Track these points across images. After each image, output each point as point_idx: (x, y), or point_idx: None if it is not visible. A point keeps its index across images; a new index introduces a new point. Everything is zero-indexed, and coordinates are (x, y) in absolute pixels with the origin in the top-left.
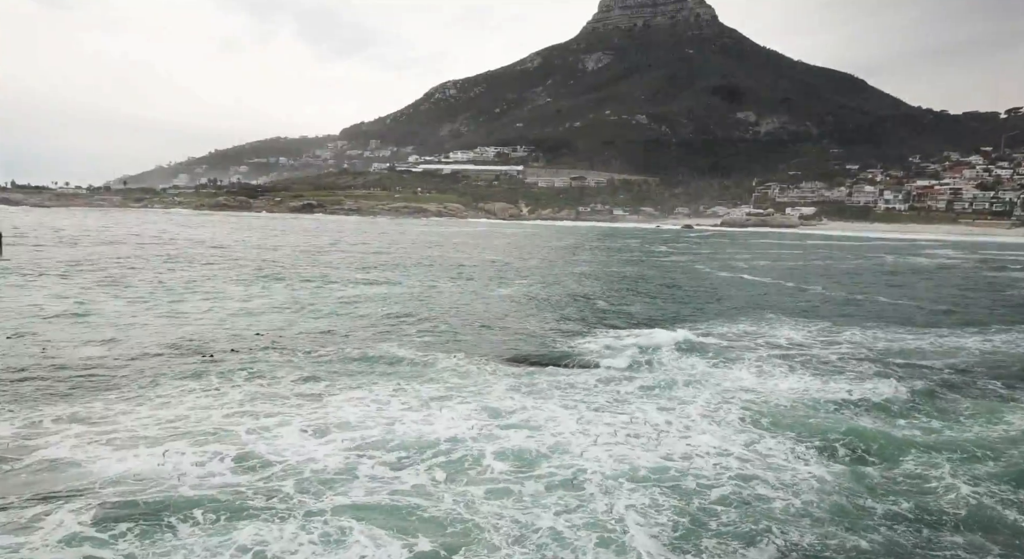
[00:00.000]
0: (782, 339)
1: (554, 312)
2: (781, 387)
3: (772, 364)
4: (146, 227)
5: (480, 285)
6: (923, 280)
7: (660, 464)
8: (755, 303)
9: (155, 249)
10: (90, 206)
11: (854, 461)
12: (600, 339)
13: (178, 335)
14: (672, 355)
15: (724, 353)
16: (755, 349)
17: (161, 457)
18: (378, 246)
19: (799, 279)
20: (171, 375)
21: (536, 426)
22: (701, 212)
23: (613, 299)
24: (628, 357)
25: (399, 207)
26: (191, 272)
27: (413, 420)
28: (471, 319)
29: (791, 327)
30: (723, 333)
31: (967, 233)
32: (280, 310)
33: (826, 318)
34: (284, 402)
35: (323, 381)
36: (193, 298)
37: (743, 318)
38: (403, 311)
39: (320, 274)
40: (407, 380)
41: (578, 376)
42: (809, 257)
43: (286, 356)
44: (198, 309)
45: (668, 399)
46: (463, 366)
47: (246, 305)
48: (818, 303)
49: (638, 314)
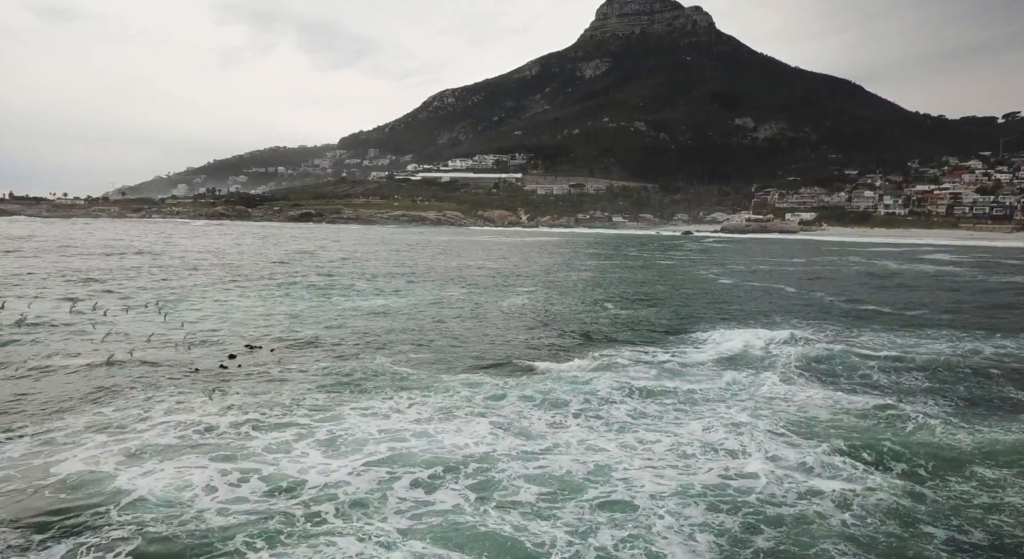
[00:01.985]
0: (805, 346)
1: (566, 322)
2: (815, 398)
3: (799, 372)
4: (139, 236)
5: (488, 294)
6: (938, 286)
7: (706, 481)
8: (768, 309)
9: (148, 259)
10: (88, 216)
11: (908, 478)
12: (618, 350)
13: (180, 345)
14: (697, 365)
15: (750, 363)
16: (779, 357)
17: (179, 477)
18: (379, 255)
19: (806, 285)
20: (176, 386)
21: (566, 443)
22: (700, 218)
23: (625, 307)
24: (651, 369)
25: (398, 215)
26: (186, 281)
27: (433, 436)
28: (482, 329)
29: (811, 333)
30: (745, 342)
31: (969, 238)
32: (282, 320)
33: (843, 323)
34: (297, 416)
35: (334, 393)
36: (190, 308)
37: (762, 325)
38: (411, 322)
39: (322, 284)
40: (420, 392)
41: (600, 387)
42: (812, 262)
43: (294, 367)
44: (196, 319)
45: (701, 411)
46: (478, 378)
47: (246, 315)
48: (831, 308)
49: (653, 323)
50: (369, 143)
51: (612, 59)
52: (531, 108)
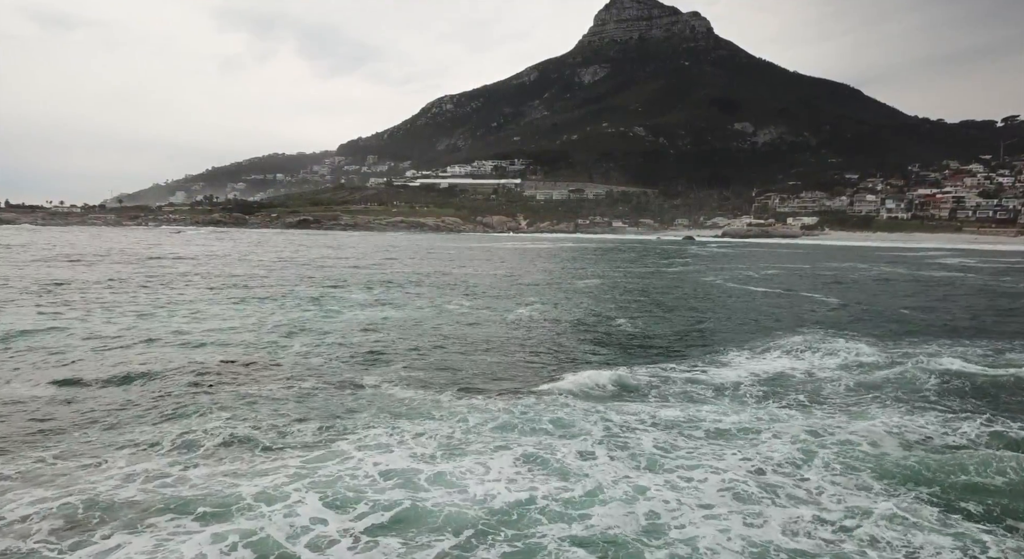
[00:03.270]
0: (849, 360)
1: (575, 337)
2: (878, 427)
3: (850, 394)
4: (132, 244)
5: (490, 305)
6: (967, 292)
7: (786, 545)
8: (794, 320)
9: (136, 268)
10: (84, 224)
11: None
12: (633, 369)
13: (153, 365)
14: (728, 387)
15: (791, 384)
16: (823, 376)
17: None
18: (377, 262)
19: (825, 291)
20: (141, 420)
21: (604, 484)
22: (701, 223)
23: (636, 320)
24: (673, 391)
25: (396, 222)
26: (169, 292)
27: (450, 479)
28: (485, 345)
29: (852, 345)
30: (780, 359)
31: (973, 241)
32: (270, 334)
33: (883, 333)
34: (285, 454)
35: (326, 423)
36: (170, 321)
37: (794, 339)
38: (409, 335)
39: (315, 294)
40: (423, 419)
41: (620, 413)
42: (823, 267)
43: (280, 390)
44: (176, 334)
45: (741, 443)
46: (485, 402)
47: (231, 328)
48: (864, 317)
49: (670, 338)
50: (368, 149)
51: (610, 65)
52: (530, 114)
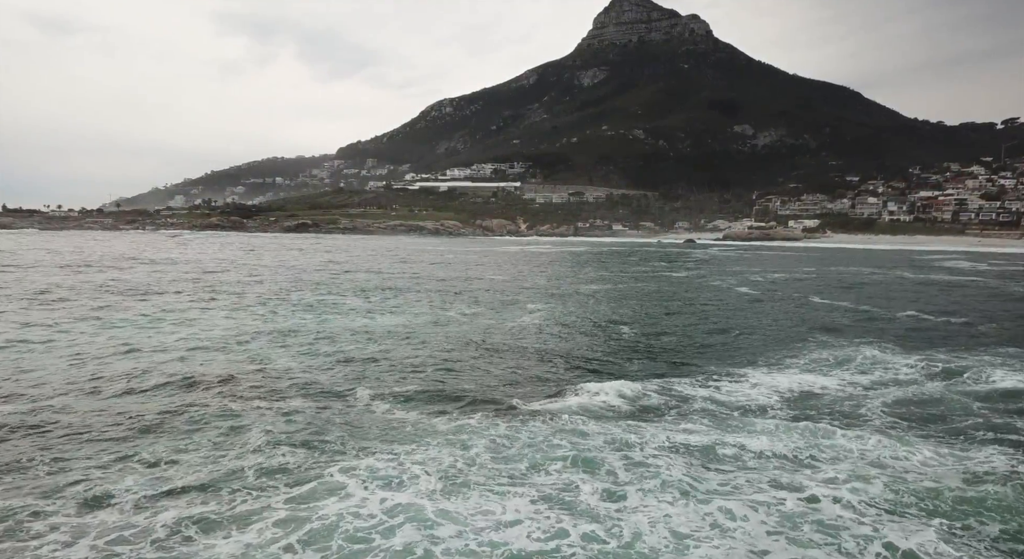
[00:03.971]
0: (886, 377)
1: (581, 349)
2: (930, 458)
3: (897, 419)
4: (126, 248)
5: (491, 312)
6: (971, 297)
7: None
8: (813, 329)
9: (125, 273)
10: (81, 228)
11: None
12: (645, 386)
13: (125, 379)
14: (754, 409)
15: (824, 405)
16: (860, 395)
17: None
18: (374, 266)
19: (840, 296)
20: (98, 455)
21: (641, 530)
22: (702, 226)
23: (644, 329)
24: (693, 412)
25: (395, 225)
26: (156, 300)
27: (463, 525)
28: (487, 357)
29: (884, 358)
30: (808, 375)
31: (977, 244)
32: (258, 345)
33: (915, 344)
34: (267, 493)
35: (314, 450)
36: (153, 330)
37: (818, 351)
38: (406, 346)
39: (309, 300)
40: (423, 447)
41: (640, 438)
42: (831, 271)
43: (262, 410)
44: (156, 345)
45: (777, 474)
46: (490, 426)
47: (218, 337)
48: (890, 326)
49: (683, 350)
50: (367, 153)
51: (610, 67)
52: (529, 117)
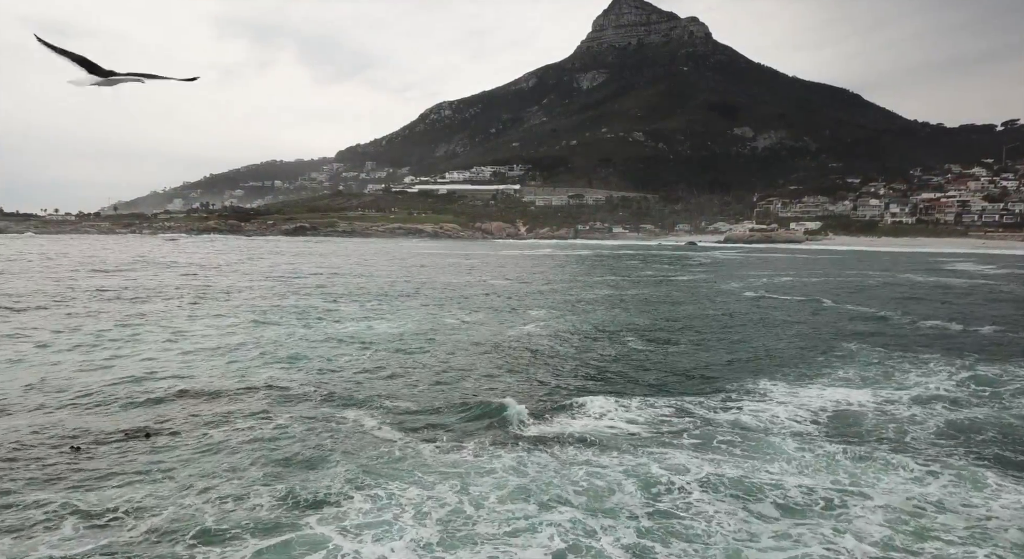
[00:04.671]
0: (926, 394)
1: (586, 362)
2: (993, 503)
3: (940, 442)
4: (119, 253)
5: (493, 318)
6: (990, 301)
7: None
8: (834, 338)
9: (114, 280)
10: (77, 232)
11: None
12: (657, 403)
13: (94, 397)
14: (782, 432)
15: (863, 429)
16: (904, 418)
17: None
18: (371, 271)
19: (852, 300)
20: (45, 480)
21: None
22: (703, 228)
23: (651, 339)
24: (715, 437)
25: (394, 228)
26: (141, 307)
27: None
28: (487, 369)
29: (905, 374)
30: (830, 391)
31: (981, 246)
32: (242, 357)
33: (931, 355)
34: (239, 541)
35: (295, 485)
36: (132, 341)
37: (843, 363)
38: (401, 357)
39: (302, 306)
40: (417, 481)
41: (661, 468)
42: (832, 273)
43: (241, 431)
44: (133, 357)
45: (836, 527)
46: (492, 455)
47: (201, 349)
48: (915, 333)
49: (694, 363)
50: (366, 156)
51: (609, 70)
52: (528, 120)
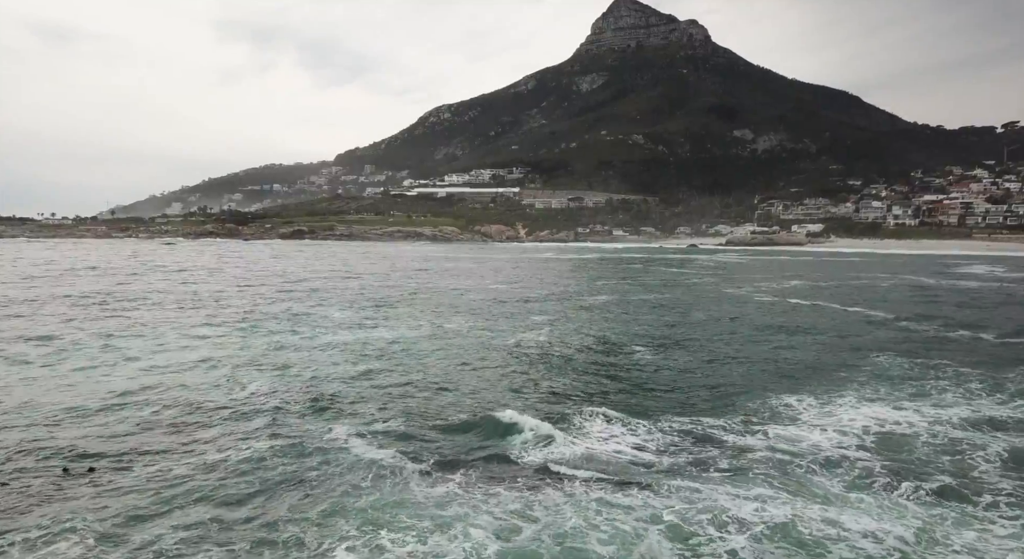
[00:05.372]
0: (969, 415)
1: (594, 372)
2: None
3: (1010, 475)
4: (109, 257)
5: (493, 326)
6: (1011, 305)
7: None
8: (850, 346)
9: (97, 284)
10: (73, 236)
11: None
12: (670, 426)
13: (53, 420)
14: (824, 462)
15: (917, 456)
16: (951, 436)
17: None
18: (368, 275)
19: (860, 304)
20: None
21: None
22: (704, 231)
23: (659, 350)
24: (753, 470)
25: (393, 232)
26: (123, 316)
27: None
28: (489, 382)
29: (943, 389)
30: (865, 409)
31: (987, 248)
32: (226, 367)
33: (969, 368)
34: None
35: (265, 532)
36: (112, 352)
37: (860, 371)
38: (397, 369)
39: (295, 312)
40: (418, 531)
41: (685, 506)
42: (841, 277)
43: (210, 461)
44: (105, 372)
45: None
46: (491, 493)
47: (181, 362)
48: (924, 343)
49: (708, 377)
50: (365, 159)
51: (608, 73)
52: (528, 122)
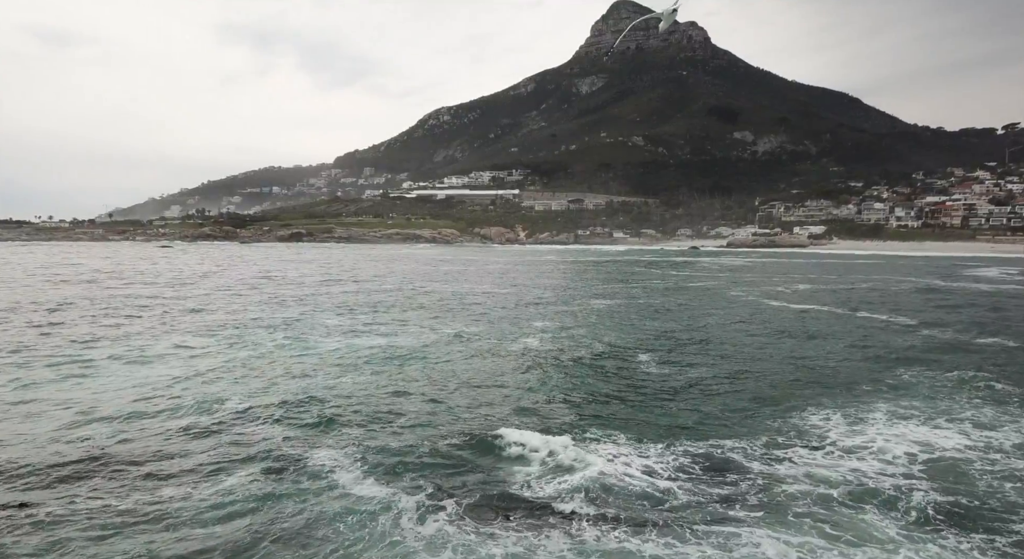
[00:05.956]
0: (1007, 437)
1: (599, 384)
2: None
3: None
4: (100, 261)
5: (493, 331)
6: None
7: None
8: (874, 355)
9: (83, 288)
10: (69, 239)
11: None
12: (689, 449)
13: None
14: (878, 498)
15: (981, 489)
16: (1000, 464)
17: None
18: (364, 279)
19: (876, 309)
20: None
21: None
22: (705, 233)
23: (670, 358)
24: (804, 509)
25: (391, 234)
26: (108, 322)
27: None
28: (489, 394)
29: (985, 405)
30: (904, 428)
31: (991, 250)
32: (206, 381)
33: (995, 379)
34: None
35: None
36: (88, 365)
37: (891, 384)
38: (390, 380)
39: (285, 319)
40: None
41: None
42: (849, 280)
43: (162, 502)
44: (82, 383)
45: None
46: (493, 534)
47: (158, 376)
48: (957, 352)
49: (720, 388)
50: (364, 162)
51: (608, 75)
52: (527, 125)
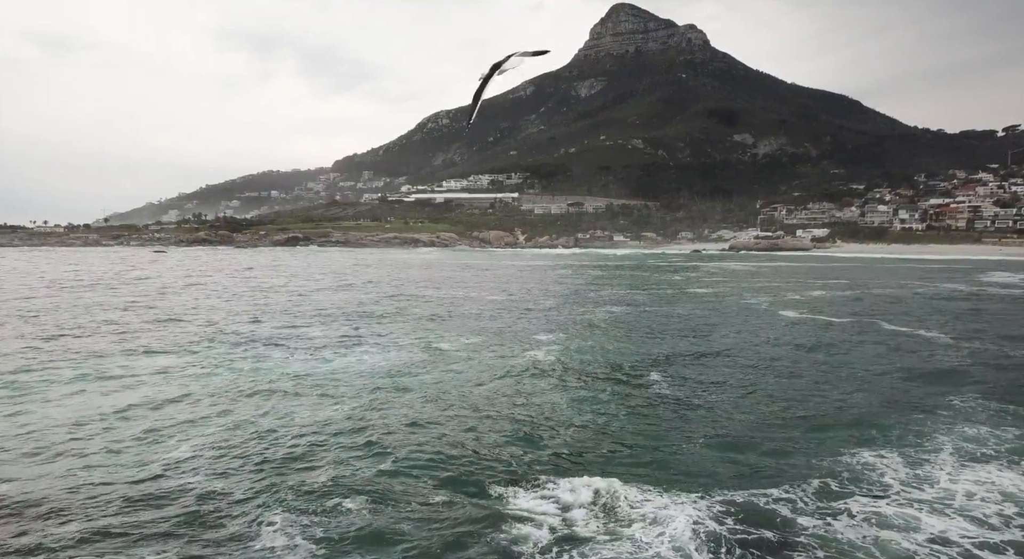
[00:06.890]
0: None
1: (610, 408)
2: None
3: None
4: (94, 266)
5: (494, 343)
6: None
7: None
8: (921, 377)
9: (52, 297)
10: (62, 244)
11: None
12: (727, 504)
13: None
14: None
15: None
16: None
17: None
18: (357, 285)
19: (905, 321)
20: None
21: None
22: (706, 236)
23: (682, 373)
24: None
25: (389, 238)
26: (73, 336)
27: None
28: (490, 422)
29: None
30: (984, 473)
31: (998, 252)
32: (157, 414)
33: None
34: None
35: None
36: (25, 395)
37: (945, 413)
38: (381, 409)
39: (265, 333)
40: None
41: None
42: (863, 285)
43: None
44: (16, 416)
45: None
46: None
47: (110, 404)
48: (990, 364)
49: (747, 418)
50: (363, 166)
51: (607, 78)
52: (526, 128)
